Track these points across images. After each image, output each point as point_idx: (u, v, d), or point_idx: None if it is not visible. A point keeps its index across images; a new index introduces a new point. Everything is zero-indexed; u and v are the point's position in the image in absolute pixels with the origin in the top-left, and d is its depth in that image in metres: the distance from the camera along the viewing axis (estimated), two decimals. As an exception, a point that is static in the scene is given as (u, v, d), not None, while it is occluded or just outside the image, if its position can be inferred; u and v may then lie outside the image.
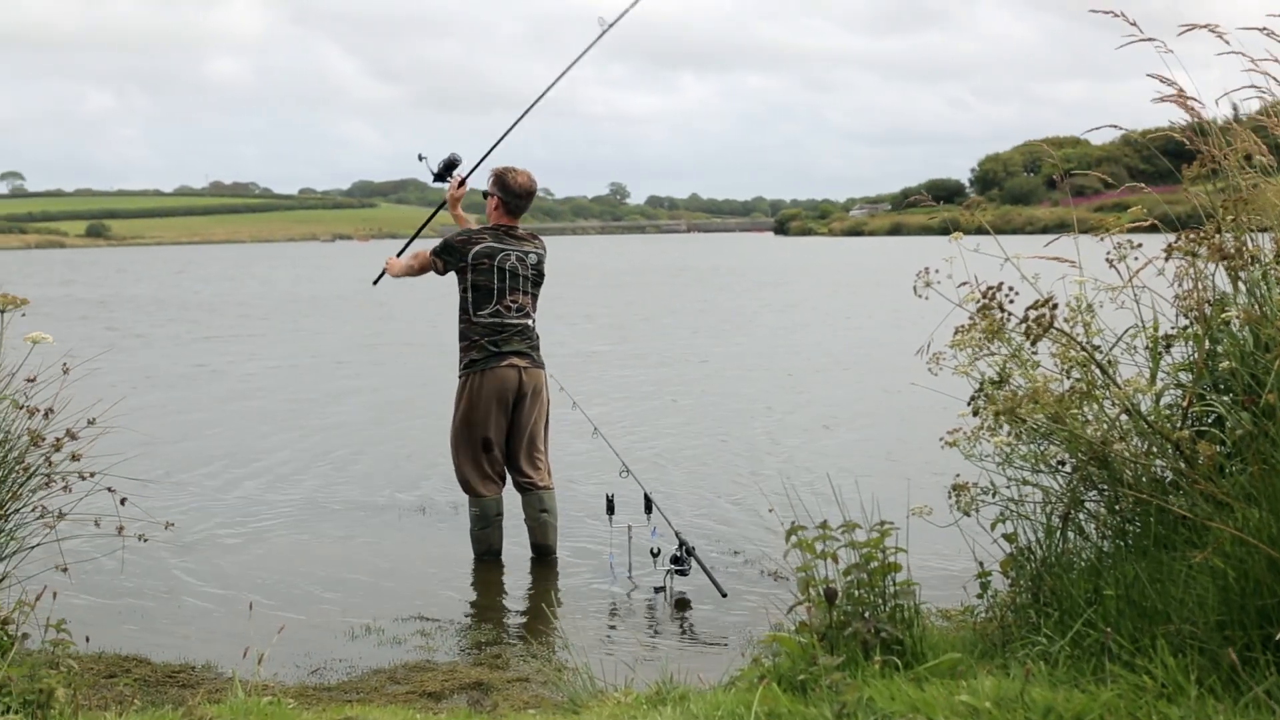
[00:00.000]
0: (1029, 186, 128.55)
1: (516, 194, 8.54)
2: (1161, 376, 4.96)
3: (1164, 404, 4.91)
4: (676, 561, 7.78)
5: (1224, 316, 4.74)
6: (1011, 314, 4.81)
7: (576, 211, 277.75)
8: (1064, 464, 5.05)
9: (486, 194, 8.65)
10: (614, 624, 7.41)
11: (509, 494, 8.70)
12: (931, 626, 5.00)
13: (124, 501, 5.64)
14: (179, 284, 55.24)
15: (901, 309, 27.29)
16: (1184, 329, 4.98)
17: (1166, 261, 4.94)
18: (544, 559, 8.68)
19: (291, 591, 8.09)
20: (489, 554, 8.67)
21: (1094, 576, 4.62)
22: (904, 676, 4.38)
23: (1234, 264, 4.72)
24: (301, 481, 11.60)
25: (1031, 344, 4.78)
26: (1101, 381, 4.79)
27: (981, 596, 5.20)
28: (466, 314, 8.49)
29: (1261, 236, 4.89)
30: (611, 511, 8.45)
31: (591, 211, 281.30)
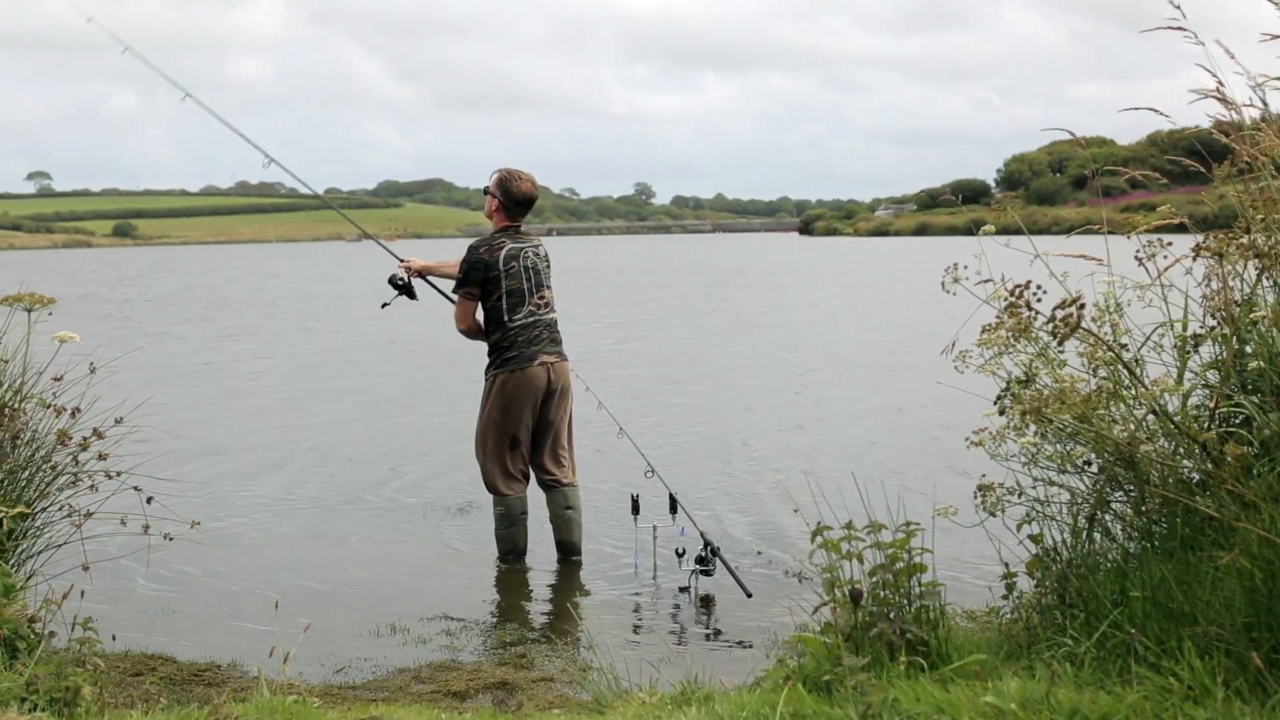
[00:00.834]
0: (1055, 187, 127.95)
1: (518, 201, 8.53)
2: (1189, 376, 4.94)
3: (1191, 404, 4.89)
4: (701, 562, 7.78)
5: (1252, 316, 4.72)
6: (1039, 313, 4.80)
7: (602, 211, 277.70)
8: (1090, 464, 5.03)
9: (487, 191, 8.64)
10: (639, 624, 7.41)
11: (533, 492, 8.70)
12: (957, 627, 4.99)
13: (150, 500, 5.66)
14: (214, 283, 55.39)
15: (930, 308, 27.22)
16: (1212, 329, 4.96)
17: (1195, 261, 4.92)
18: (569, 557, 8.68)
19: (317, 590, 8.11)
20: (514, 553, 8.68)
21: (1120, 578, 4.60)
22: (929, 677, 4.37)
23: (1264, 264, 4.70)
24: (327, 481, 11.63)
25: (1059, 343, 4.77)
26: (1128, 381, 4.78)
27: (1007, 597, 5.18)
28: (500, 323, 8.44)
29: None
30: (636, 511, 8.46)
31: (617, 211, 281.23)
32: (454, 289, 8.52)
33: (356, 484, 11.47)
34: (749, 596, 7.51)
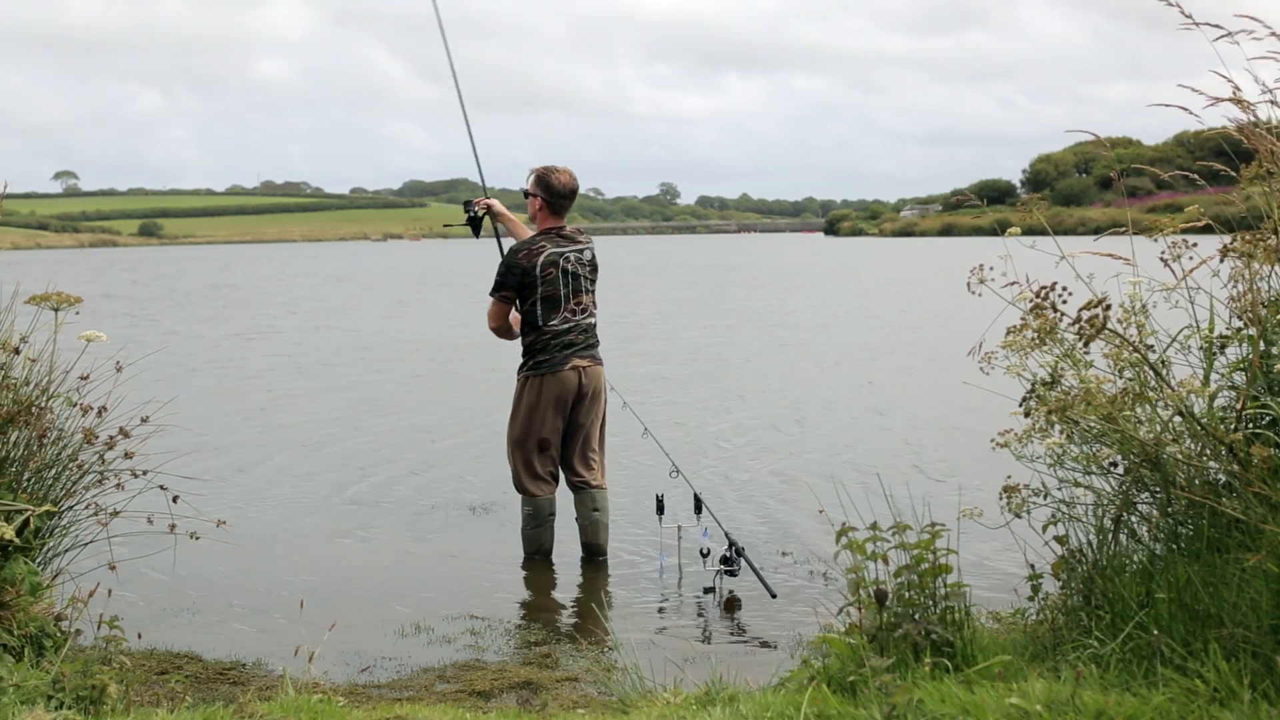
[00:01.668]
0: (1080, 187, 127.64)
1: (560, 194, 8.50)
2: (1215, 378, 4.92)
3: (1217, 406, 4.87)
4: (726, 562, 7.77)
5: (1279, 318, 4.70)
6: (1064, 314, 4.79)
7: (627, 212, 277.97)
8: (1116, 466, 5.02)
9: (528, 194, 8.63)
10: (663, 624, 7.41)
11: (562, 493, 8.71)
12: (982, 629, 4.97)
13: (176, 499, 5.68)
14: (238, 280, 55.54)
15: (957, 310, 27.19)
16: (1238, 330, 4.94)
17: (1221, 262, 4.90)
18: (594, 559, 8.69)
19: (342, 590, 8.12)
20: (539, 553, 8.69)
21: (1146, 579, 4.59)
22: (954, 679, 4.36)
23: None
24: (353, 481, 11.64)
25: (1084, 344, 4.76)
26: (1154, 383, 4.76)
27: (1032, 598, 5.17)
28: (535, 327, 8.43)
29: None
30: (661, 512, 8.46)
31: (642, 212, 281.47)
32: (490, 291, 8.50)
33: (379, 483, 11.49)
34: (774, 597, 7.50)
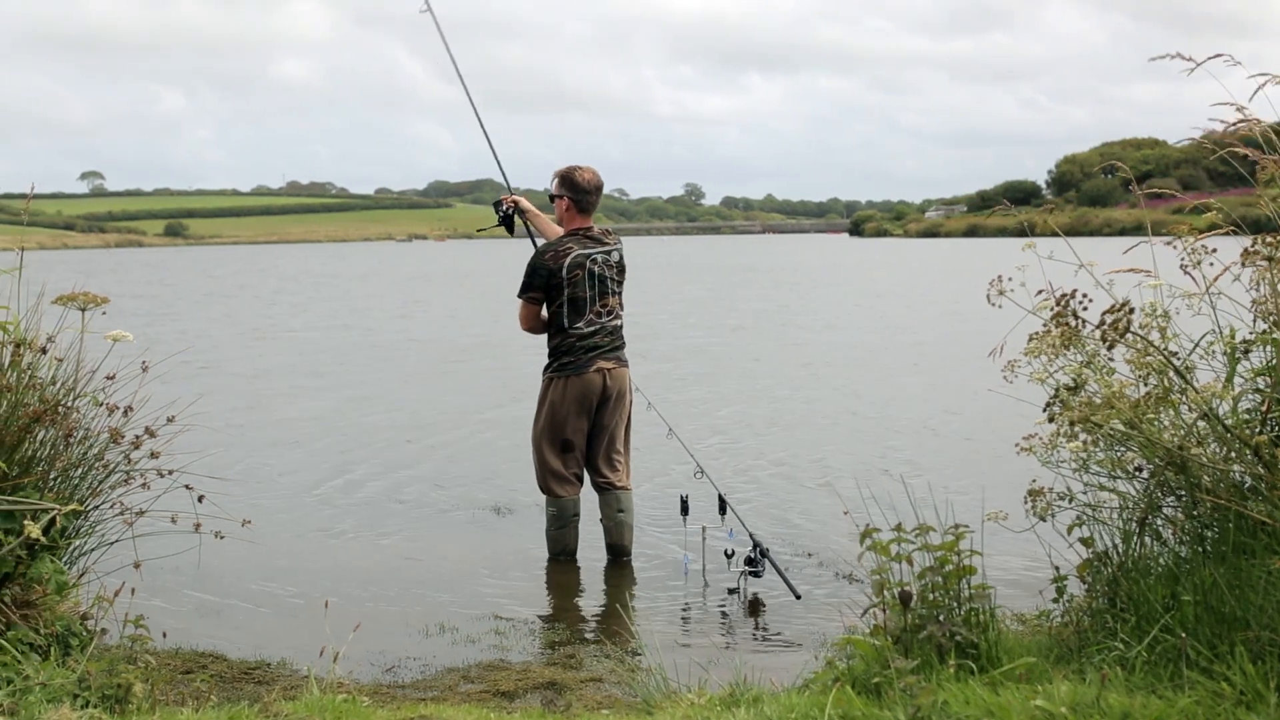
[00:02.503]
0: (1107, 188, 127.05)
1: (585, 189, 8.49)
2: (1239, 381, 4.91)
3: (1242, 408, 4.86)
4: (750, 563, 7.77)
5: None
6: (1086, 321, 4.78)
7: (652, 212, 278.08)
8: (1141, 469, 5.01)
9: (553, 197, 8.62)
10: (687, 625, 7.41)
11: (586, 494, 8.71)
12: (1006, 631, 4.97)
13: (201, 499, 5.70)
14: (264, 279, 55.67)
15: (981, 311, 27.13)
16: (1262, 333, 4.92)
17: (1244, 266, 4.89)
18: (618, 559, 8.69)
19: (366, 589, 8.14)
20: (564, 554, 8.70)
21: (1171, 582, 4.58)
22: (979, 680, 4.36)
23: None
24: (375, 481, 11.66)
25: (1108, 349, 4.75)
26: (1179, 386, 4.75)
27: (1057, 601, 5.16)
28: (561, 329, 8.43)
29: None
30: (685, 513, 8.46)
31: (666, 212, 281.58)
32: (518, 293, 8.50)
33: (404, 483, 11.51)
34: (798, 598, 7.50)
